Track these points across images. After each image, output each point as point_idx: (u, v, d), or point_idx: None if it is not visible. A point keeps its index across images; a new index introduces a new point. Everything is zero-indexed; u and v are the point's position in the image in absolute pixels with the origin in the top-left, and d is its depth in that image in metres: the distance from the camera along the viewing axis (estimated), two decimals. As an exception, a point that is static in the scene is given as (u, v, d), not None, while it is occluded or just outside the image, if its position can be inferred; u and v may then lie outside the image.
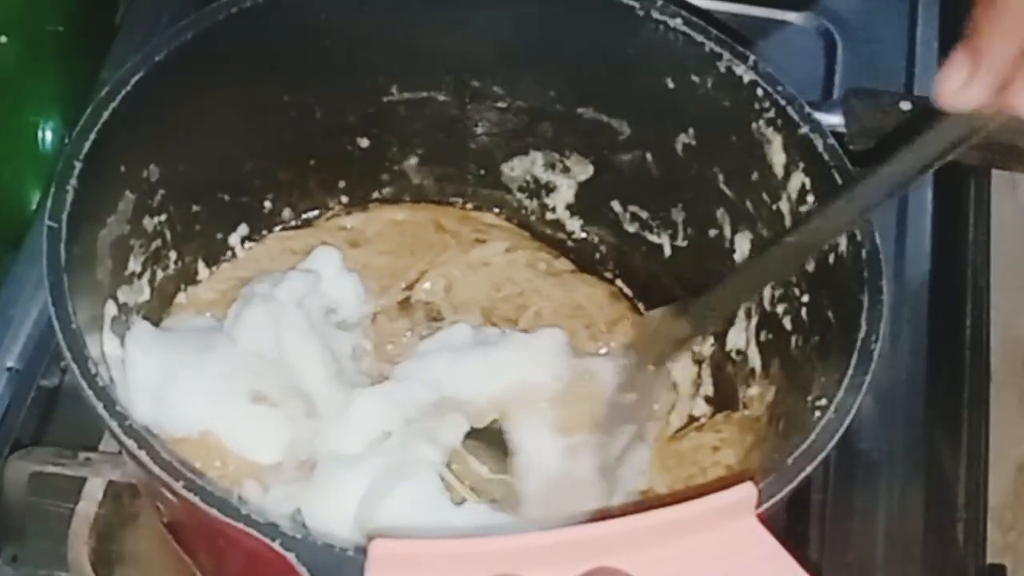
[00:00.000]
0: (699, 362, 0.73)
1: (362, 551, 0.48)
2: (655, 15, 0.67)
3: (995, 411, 0.74)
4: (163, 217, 0.68)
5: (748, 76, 0.66)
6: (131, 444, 0.53)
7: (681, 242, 0.74)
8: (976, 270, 0.78)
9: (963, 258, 0.79)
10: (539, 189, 0.77)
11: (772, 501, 0.54)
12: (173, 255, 0.70)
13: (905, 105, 0.78)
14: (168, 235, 0.68)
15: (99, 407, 0.54)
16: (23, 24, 0.79)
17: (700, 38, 0.67)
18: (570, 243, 0.78)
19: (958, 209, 0.80)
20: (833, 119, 0.77)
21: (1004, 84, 0.52)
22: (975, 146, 0.78)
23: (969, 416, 0.73)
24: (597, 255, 0.77)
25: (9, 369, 0.71)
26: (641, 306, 0.76)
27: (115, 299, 0.64)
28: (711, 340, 0.73)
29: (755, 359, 0.70)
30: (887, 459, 0.72)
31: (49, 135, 0.80)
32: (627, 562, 0.47)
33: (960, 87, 0.53)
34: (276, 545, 0.51)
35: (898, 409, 0.74)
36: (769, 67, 0.66)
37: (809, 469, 0.55)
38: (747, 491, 0.49)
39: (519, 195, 0.77)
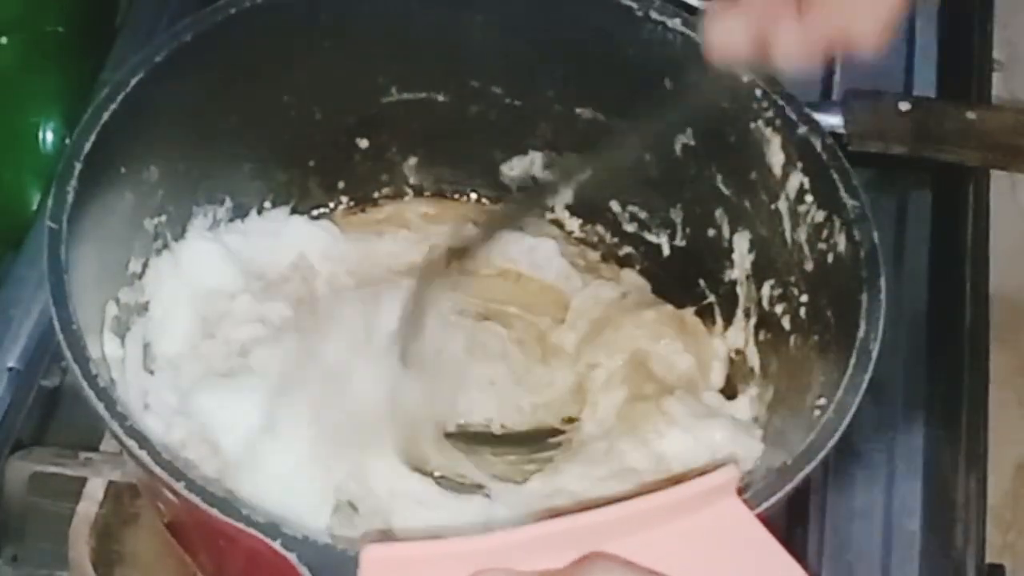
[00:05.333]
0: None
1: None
2: (654, 15, 0.67)
3: (995, 411, 0.73)
4: (163, 218, 0.68)
5: (746, 76, 0.66)
6: (132, 444, 0.54)
7: (680, 242, 0.74)
8: (976, 270, 0.78)
9: (963, 258, 0.79)
10: (539, 189, 0.77)
11: (772, 500, 0.54)
12: (173, 255, 0.70)
13: (905, 105, 0.79)
14: (168, 235, 0.68)
15: (100, 407, 0.54)
16: (23, 24, 0.79)
17: (699, 38, 0.67)
18: (569, 242, 0.78)
19: (958, 209, 0.80)
20: (833, 119, 0.77)
21: (763, 32, 0.54)
22: (974, 146, 0.78)
23: (969, 416, 0.73)
24: (596, 254, 0.77)
25: (9, 369, 0.71)
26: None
27: (115, 300, 0.65)
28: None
29: (754, 359, 0.70)
30: (887, 459, 0.72)
31: (49, 135, 0.80)
32: (616, 548, 0.48)
33: (725, 33, 0.55)
34: (277, 545, 0.51)
35: (898, 409, 0.74)
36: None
37: (809, 469, 0.56)
38: (729, 473, 0.49)
39: (518, 195, 0.77)
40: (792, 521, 0.70)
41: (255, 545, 0.51)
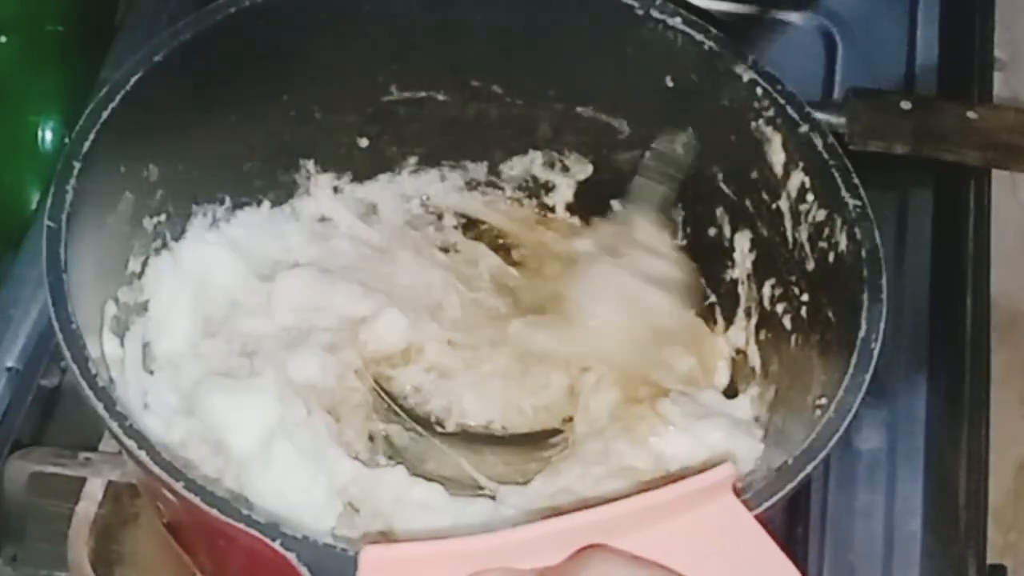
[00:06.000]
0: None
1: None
2: (654, 14, 0.67)
3: (995, 411, 0.73)
4: (162, 217, 0.67)
5: (747, 75, 0.66)
6: (131, 444, 0.53)
7: (680, 241, 0.74)
8: (976, 270, 0.78)
9: (963, 258, 0.79)
10: (538, 188, 0.77)
11: (773, 500, 0.54)
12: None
13: (905, 105, 0.78)
14: (167, 235, 0.68)
15: (99, 407, 0.54)
16: (23, 24, 0.79)
17: (699, 37, 0.67)
18: (570, 242, 0.78)
19: (958, 209, 0.80)
20: (834, 118, 0.77)
21: None
22: (975, 146, 0.78)
23: (969, 416, 0.73)
24: None
25: (9, 369, 0.71)
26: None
27: (115, 299, 0.64)
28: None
29: (755, 358, 0.70)
30: (887, 459, 0.72)
31: (49, 135, 0.80)
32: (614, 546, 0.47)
33: None
34: (277, 545, 0.51)
35: (898, 409, 0.74)
36: (768, 66, 0.66)
37: (810, 469, 0.55)
38: (725, 471, 0.49)
39: (518, 194, 0.77)
40: (793, 521, 0.70)
41: (255, 545, 0.51)
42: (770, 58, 0.67)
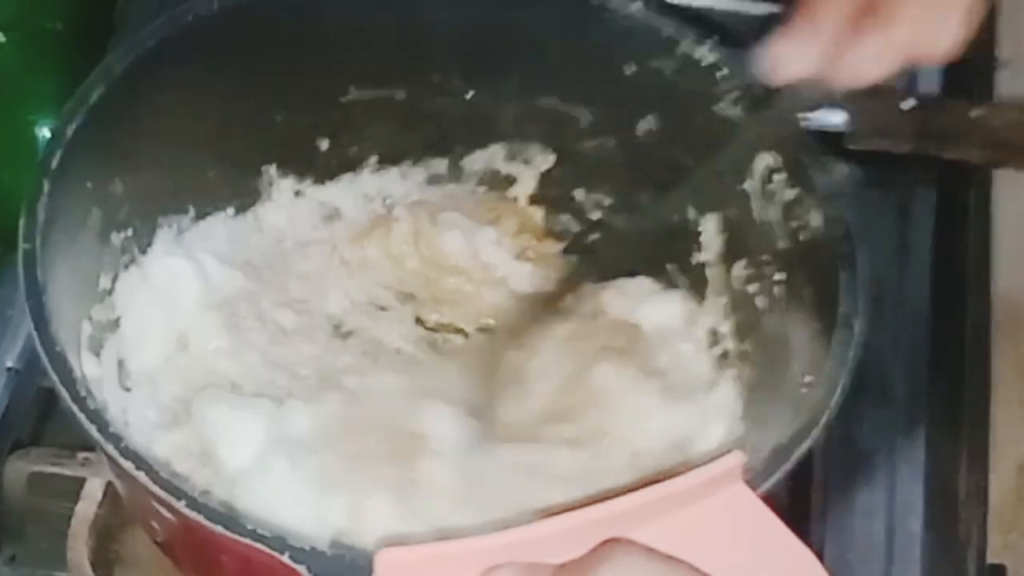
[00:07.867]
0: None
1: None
2: (612, 3, 0.67)
3: (995, 411, 0.73)
4: (129, 231, 0.67)
5: (709, 58, 0.66)
6: (129, 465, 0.53)
7: (646, 227, 0.73)
8: (979, 269, 0.78)
9: (966, 257, 0.79)
10: (500, 181, 0.76)
11: (771, 481, 0.54)
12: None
13: (906, 105, 0.78)
14: (135, 249, 0.68)
15: (92, 430, 0.54)
16: (23, 24, 0.79)
17: (659, 24, 0.67)
18: (534, 233, 0.77)
19: (960, 208, 0.80)
20: (836, 117, 0.77)
21: (834, 55, 0.54)
22: (977, 144, 0.78)
23: (969, 416, 0.73)
24: (563, 243, 0.76)
25: (9, 369, 0.72)
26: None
27: (89, 318, 0.64)
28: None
29: (728, 340, 0.69)
30: (889, 459, 0.72)
31: (49, 135, 0.80)
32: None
33: (793, 58, 0.55)
34: (285, 558, 0.50)
35: (900, 408, 0.74)
36: (728, 48, 0.66)
37: (805, 447, 0.55)
38: (734, 459, 0.49)
39: (480, 188, 0.77)
40: (794, 520, 0.70)
41: (262, 559, 0.51)
42: (770, 58, 0.67)
